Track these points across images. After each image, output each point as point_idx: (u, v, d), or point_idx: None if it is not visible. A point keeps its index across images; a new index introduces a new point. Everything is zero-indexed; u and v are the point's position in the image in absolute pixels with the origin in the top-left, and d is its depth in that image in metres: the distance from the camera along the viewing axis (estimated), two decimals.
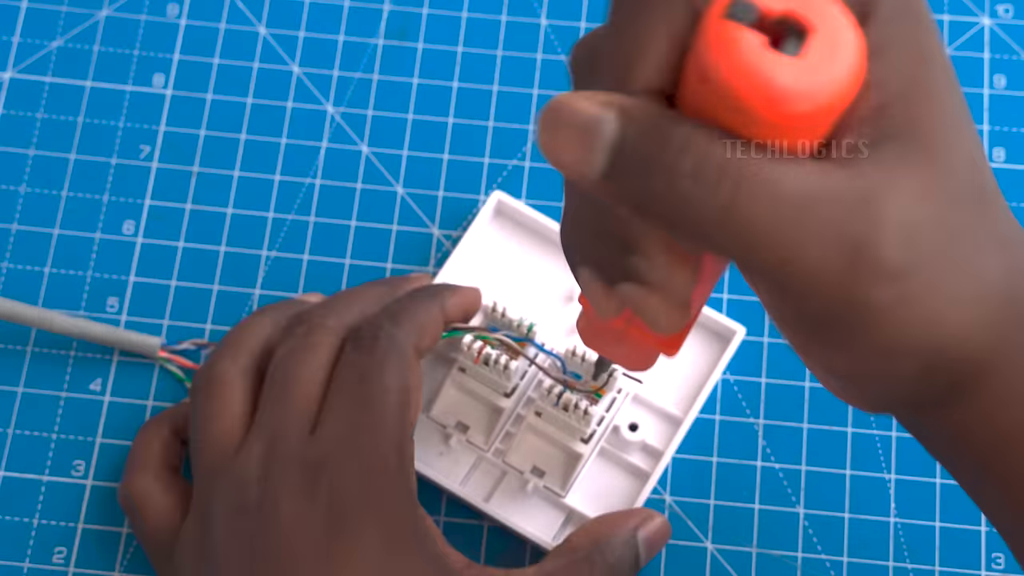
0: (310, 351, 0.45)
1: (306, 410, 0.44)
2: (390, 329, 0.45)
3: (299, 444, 0.43)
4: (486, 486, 0.48)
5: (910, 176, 0.31)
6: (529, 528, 0.47)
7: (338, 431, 0.43)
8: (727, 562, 0.48)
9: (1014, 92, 0.53)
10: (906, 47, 0.32)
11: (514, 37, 0.54)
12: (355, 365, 0.44)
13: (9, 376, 0.50)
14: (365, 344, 0.44)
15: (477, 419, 0.48)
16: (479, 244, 0.51)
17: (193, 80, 0.54)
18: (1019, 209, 0.52)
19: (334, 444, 0.43)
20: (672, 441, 0.48)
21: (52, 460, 0.49)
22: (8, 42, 0.55)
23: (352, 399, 0.44)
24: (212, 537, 0.43)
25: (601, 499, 0.48)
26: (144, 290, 0.51)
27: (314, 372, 0.45)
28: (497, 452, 0.48)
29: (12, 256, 0.52)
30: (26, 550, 0.48)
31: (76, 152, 0.53)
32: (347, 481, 0.42)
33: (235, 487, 0.43)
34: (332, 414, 0.43)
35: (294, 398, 0.44)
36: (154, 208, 0.52)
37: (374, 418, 0.43)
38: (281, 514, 0.42)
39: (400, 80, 0.54)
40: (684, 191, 0.30)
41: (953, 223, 0.32)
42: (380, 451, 0.43)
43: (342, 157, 0.53)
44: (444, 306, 0.47)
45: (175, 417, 0.48)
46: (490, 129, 0.53)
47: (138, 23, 0.55)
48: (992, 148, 0.53)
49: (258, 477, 0.43)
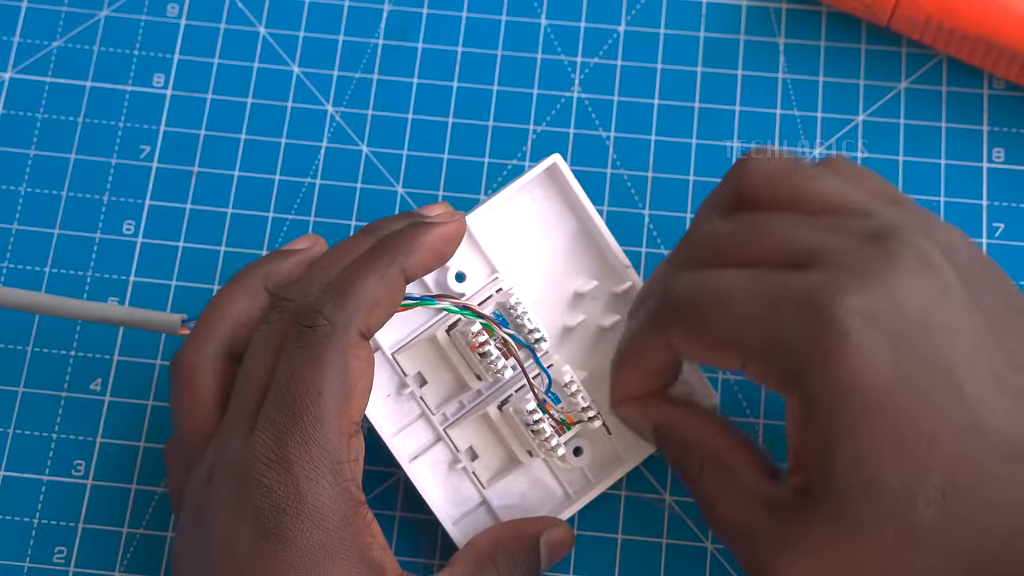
0: (268, 339, 0.43)
1: (251, 409, 0.42)
2: (332, 312, 0.41)
3: (237, 448, 0.41)
4: (415, 446, 0.47)
5: (817, 528, 0.39)
6: (436, 501, 0.46)
7: (264, 439, 0.41)
8: (727, 562, 0.48)
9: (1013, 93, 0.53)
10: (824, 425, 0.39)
11: (514, 37, 0.55)
12: (289, 360, 0.41)
13: (9, 376, 0.50)
14: (302, 335, 0.41)
15: (440, 381, 0.47)
16: (518, 202, 0.48)
17: (193, 80, 0.54)
18: (1017, 210, 0.52)
19: (260, 452, 0.41)
20: (609, 478, 0.47)
21: (52, 460, 0.49)
22: (8, 42, 0.55)
23: (279, 403, 0.41)
24: (179, 535, 0.43)
25: (518, 504, 0.47)
26: (144, 290, 0.51)
27: (262, 366, 0.42)
28: (443, 419, 0.47)
29: (12, 256, 0.52)
30: (26, 550, 0.48)
31: (76, 152, 0.53)
32: (272, 494, 0.40)
33: (195, 489, 0.42)
34: (263, 417, 0.41)
35: (245, 395, 0.42)
36: (154, 208, 0.52)
37: (302, 425, 0.41)
38: (216, 527, 0.41)
39: (400, 80, 0.54)
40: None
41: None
42: (308, 459, 0.40)
43: (342, 157, 0.53)
44: (405, 267, 0.43)
45: (268, 275, 0.45)
46: (490, 129, 0.53)
47: (138, 23, 0.55)
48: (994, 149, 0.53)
49: (207, 478, 0.42)
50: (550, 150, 0.52)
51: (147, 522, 0.49)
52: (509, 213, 0.48)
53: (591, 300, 0.48)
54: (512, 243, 0.48)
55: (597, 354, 0.48)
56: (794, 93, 0.53)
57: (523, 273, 0.48)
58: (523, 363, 0.46)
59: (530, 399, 0.45)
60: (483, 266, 0.47)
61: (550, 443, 0.46)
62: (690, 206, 0.52)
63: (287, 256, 0.46)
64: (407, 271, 0.43)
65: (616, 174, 0.52)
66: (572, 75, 0.54)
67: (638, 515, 0.49)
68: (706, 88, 0.54)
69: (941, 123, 0.53)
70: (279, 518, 0.40)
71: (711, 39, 0.54)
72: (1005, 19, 0.50)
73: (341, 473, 0.41)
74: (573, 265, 0.48)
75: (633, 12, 0.55)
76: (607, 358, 0.47)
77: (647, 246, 0.52)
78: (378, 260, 0.43)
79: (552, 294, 0.48)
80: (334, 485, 0.41)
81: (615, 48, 0.54)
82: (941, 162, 0.52)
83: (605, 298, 0.48)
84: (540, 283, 0.48)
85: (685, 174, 0.52)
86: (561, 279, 0.48)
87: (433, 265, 0.44)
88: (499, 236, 0.47)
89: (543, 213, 0.48)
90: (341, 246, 0.45)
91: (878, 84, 0.53)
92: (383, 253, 0.43)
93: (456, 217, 0.45)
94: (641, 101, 0.53)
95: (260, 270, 0.46)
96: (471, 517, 0.47)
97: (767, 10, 0.55)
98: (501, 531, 0.45)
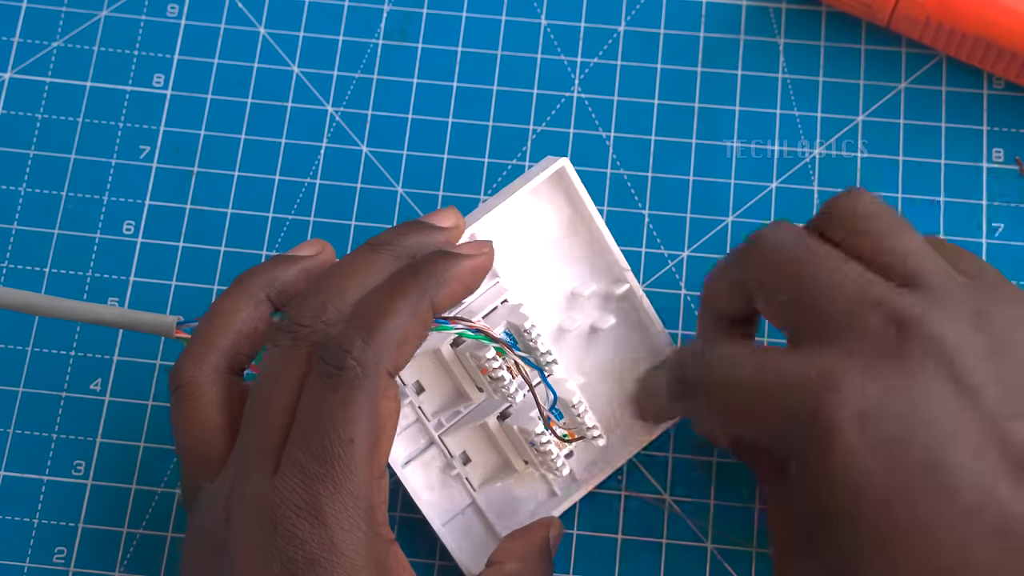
0: (284, 367, 0.41)
1: (272, 444, 0.40)
2: (361, 353, 0.39)
3: (259, 487, 0.40)
4: (408, 450, 0.46)
5: None
6: (427, 505, 0.46)
7: (293, 485, 0.39)
8: (727, 562, 0.48)
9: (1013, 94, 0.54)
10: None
11: (514, 37, 0.55)
12: (317, 401, 0.40)
13: (9, 376, 0.50)
14: (330, 375, 0.40)
15: (438, 390, 0.46)
16: (521, 205, 0.47)
17: (193, 80, 0.54)
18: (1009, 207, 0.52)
19: (289, 499, 0.39)
20: (596, 477, 0.47)
21: (52, 460, 0.49)
22: (8, 42, 0.55)
23: (308, 448, 0.39)
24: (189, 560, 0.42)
25: (508, 506, 0.47)
26: (144, 290, 0.51)
27: (283, 397, 0.40)
28: (439, 426, 0.46)
29: (12, 256, 0.52)
30: (26, 550, 0.48)
31: (76, 152, 0.53)
32: (306, 545, 0.39)
33: (209, 520, 0.41)
34: (289, 460, 0.39)
35: (263, 427, 0.40)
36: (154, 208, 0.52)
37: (334, 473, 0.39)
38: (242, 569, 0.39)
39: (400, 80, 0.54)
40: None
41: None
42: (342, 509, 0.39)
43: (342, 157, 0.53)
44: (435, 301, 0.41)
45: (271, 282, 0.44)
46: (490, 129, 0.53)
47: (138, 23, 0.55)
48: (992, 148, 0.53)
49: (224, 512, 0.40)
50: (550, 150, 0.52)
51: (147, 522, 0.49)
52: (512, 216, 0.47)
53: (588, 302, 0.48)
54: (512, 246, 0.47)
55: (593, 356, 0.48)
56: (794, 93, 0.53)
57: (521, 276, 0.47)
58: (532, 384, 0.45)
59: (537, 420, 0.45)
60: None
61: (556, 463, 0.46)
62: (690, 206, 0.52)
63: (292, 263, 0.44)
64: (436, 305, 0.41)
65: (616, 174, 0.52)
66: (572, 75, 0.54)
67: (638, 515, 0.49)
68: (706, 88, 0.54)
69: (941, 123, 0.53)
70: (314, 570, 0.39)
71: (711, 39, 0.54)
72: (1005, 19, 0.50)
73: (374, 518, 0.40)
74: (571, 267, 0.48)
75: (633, 12, 0.55)
76: (603, 359, 0.47)
77: (647, 246, 0.51)
78: (407, 294, 0.41)
79: (549, 296, 0.48)
80: (367, 532, 0.39)
81: (615, 48, 0.54)
82: (941, 162, 0.52)
83: (602, 300, 0.48)
84: (538, 285, 0.48)
85: (685, 174, 0.52)
86: (558, 281, 0.48)
87: (461, 298, 0.42)
88: (500, 239, 0.47)
89: (545, 216, 0.47)
90: (351, 263, 0.42)
91: (878, 84, 0.53)
92: (413, 285, 0.41)
93: (485, 249, 0.43)
94: (641, 101, 0.53)
95: (262, 276, 0.44)
96: (460, 519, 0.47)
97: (767, 10, 0.55)
98: (519, 545, 0.45)
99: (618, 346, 0.48)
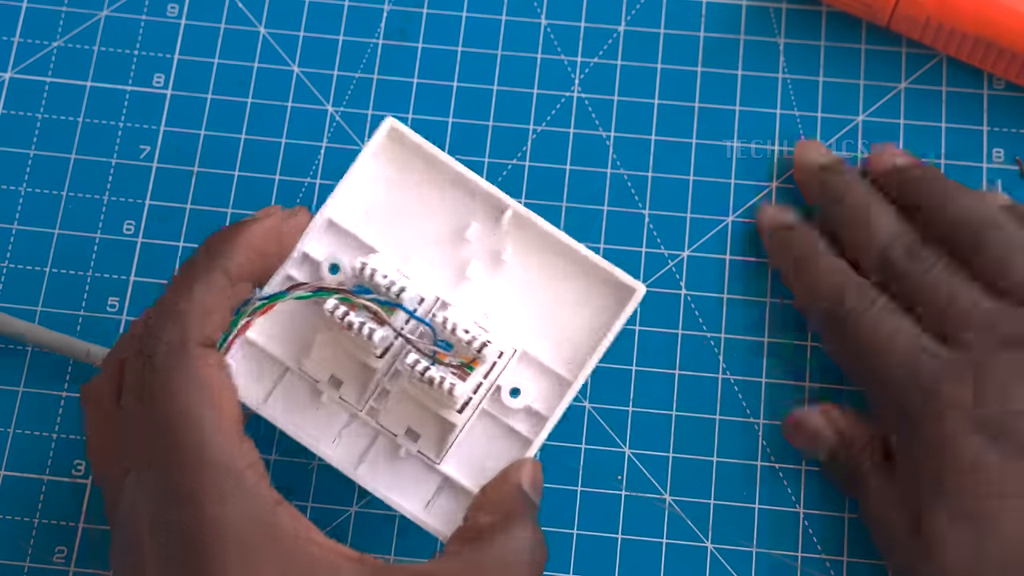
0: (130, 376, 0.41)
1: (117, 451, 0.41)
2: (169, 333, 0.40)
3: (130, 498, 0.40)
4: (358, 448, 0.44)
5: None
6: (399, 499, 0.44)
7: (151, 477, 0.39)
8: (727, 562, 0.48)
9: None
10: None
11: (514, 37, 0.55)
12: (142, 385, 0.40)
13: (9, 376, 0.50)
14: (147, 364, 0.40)
15: (351, 375, 0.44)
16: (370, 175, 0.46)
17: (193, 80, 0.54)
18: None
19: (151, 489, 0.39)
20: (559, 405, 0.44)
21: (52, 460, 0.49)
22: (8, 42, 0.55)
23: (151, 433, 0.40)
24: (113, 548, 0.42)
25: (479, 466, 0.44)
26: (144, 290, 0.51)
27: (131, 401, 0.41)
28: (371, 411, 0.44)
29: (12, 256, 0.52)
30: (26, 550, 0.48)
31: (76, 152, 0.53)
32: (176, 524, 0.39)
33: (115, 545, 0.41)
34: (138, 455, 0.40)
35: (101, 442, 0.42)
36: (154, 208, 0.52)
37: (181, 450, 0.39)
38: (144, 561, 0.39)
39: (400, 80, 0.54)
40: None
41: None
42: (200, 482, 0.39)
43: (342, 157, 0.53)
44: (228, 269, 0.42)
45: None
46: (490, 129, 0.53)
47: (138, 23, 0.55)
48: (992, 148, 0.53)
49: (120, 538, 0.41)
50: (550, 150, 0.52)
51: None
52: (365, 190, 0.46)
53: (477, 241, 0.46)
54: (381, 217, 0.46)
55: (495, 288, 0.46)
56: (794, 93, 0.53)
57: (404, 243, 0.46)
58: (395, 326, 0.43)
59: (416, 360, 0.43)
60: (358, 250, 0.45)
61: (456, 395, 0.43)
62: (690, 206, 0.52)
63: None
64: (232, 273, 0.42)
65: (616, 174, 0.53)
66: (572, 75, 0.54)
67: (638, 515, 0.49)
68: (706, 88, 0.54)
69: (941, 123, 0.53)
70: (200, 549, 0.38)
71: (711, 39, 0.54)
72: (1005, 19, 0.50)
73: (244, 483, 0.39)
74: (448, 214, 0.46)
75: (633, 12, 0.55)
76: (508, 291, 0.45)
77: (647, 246, 0.52)
78: (197, 267, 0.42)
79: (441, 251, 0.46)
80: (242, 498, 0.39)
81: (615, 48, 0.54)
82: (941, 162, 0.52)
83: (490, 233, 0.46)
84: (424, 245, 0.46)
85: (685, 174, 0.52)
86: (443, 233, 0.46)
87: (262, 263, 0.43)
88: (366, 215, 0.45)
89: (399, 177, 0.46)
90: (175, 278, 0.43)
91: (878, 84, 0.53)
92: (203, 258, 0.42)
93: (273, 211, 0.43)
94: (641, 101, 0.53)
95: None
96: (439, 499, 0.44)
97: (767, 10, 0.55)
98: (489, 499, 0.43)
99: (527, 266, 0.46)
